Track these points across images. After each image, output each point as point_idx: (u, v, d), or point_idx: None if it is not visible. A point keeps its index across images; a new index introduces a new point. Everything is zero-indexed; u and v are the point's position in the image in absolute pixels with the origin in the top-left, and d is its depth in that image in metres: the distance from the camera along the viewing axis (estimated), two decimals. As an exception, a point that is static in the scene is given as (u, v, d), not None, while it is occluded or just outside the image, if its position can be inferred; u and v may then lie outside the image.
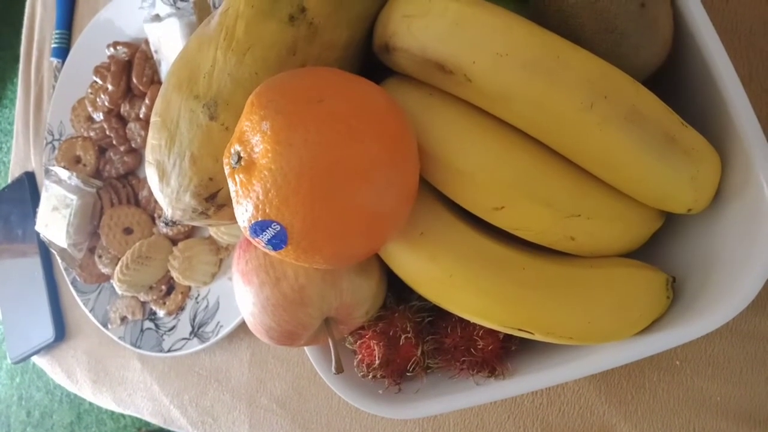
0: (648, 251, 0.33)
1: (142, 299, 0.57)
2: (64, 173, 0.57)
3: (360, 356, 0.37)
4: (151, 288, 0.56)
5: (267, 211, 0.25)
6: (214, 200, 0.33)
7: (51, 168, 0.58)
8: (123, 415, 1.66)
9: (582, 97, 0.26)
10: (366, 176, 0.25)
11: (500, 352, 0.35)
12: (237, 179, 0.26)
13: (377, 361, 0.36)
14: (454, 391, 0.35)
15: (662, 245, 0.33)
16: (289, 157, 0.24)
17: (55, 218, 0.57)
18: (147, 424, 1.58)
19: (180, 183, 0.33)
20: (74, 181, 0.57)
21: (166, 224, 0.36)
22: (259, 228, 0.26)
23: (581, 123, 0.26)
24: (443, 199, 0.31)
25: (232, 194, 0.27)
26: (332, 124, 0.25)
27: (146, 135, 0.57)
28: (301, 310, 0.32)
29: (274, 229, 0.25)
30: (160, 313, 0.56)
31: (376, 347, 0.36)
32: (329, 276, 0.32)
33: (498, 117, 0.29)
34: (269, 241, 0.26)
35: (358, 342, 0.36)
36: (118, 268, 0.53)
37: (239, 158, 0.26)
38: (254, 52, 0.31)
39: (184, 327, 0.54)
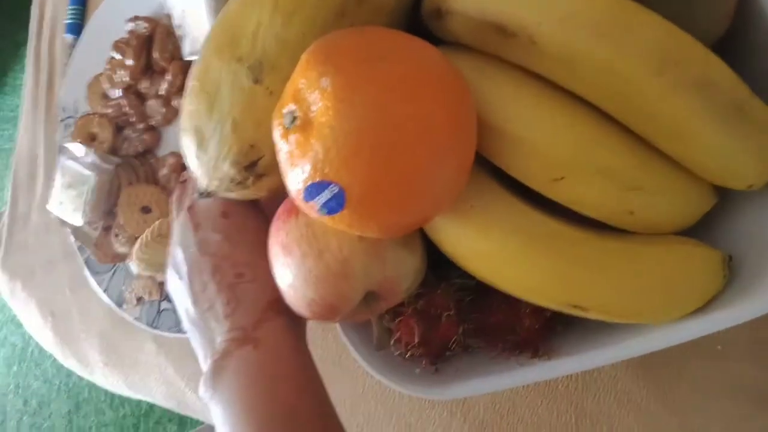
0: (698, 230, 0.32)
1: (159, 279, 0.55)
2: (80, 150, 0.56)
3: (397, 335, 0.36)
4: (169, 268, 0.55)
5: (326, 171, 0.24)
6: (253, 169, 0.32)
7: (66, 145, 0.56)
8: (123, 404, 1.64)
9: (652, 63, 0.25)
10: (429, 140, 0.24)
11: (545, 332, 0.34)
12: (292, 140, 0.25)
13: (417, 340, 0.35)
14: (495, 372, 0.34)
15: (714, 224, 0.32)
16: (352, 116, 0.23)
17: (69, 196, 0.55)
18: (148, 413, 1.57)
19: (219, 150, 0.32)
20: (91, 158, 0.55)
21: (201, 196, 0.35)
22: (315, 190, 0.24)
23: (650, 89, 0.25)
24: (493, 172, 0.30)
25: (284, 157, 0.26)
26: (395, 84, 0.23)
27: (167, 113, 0.55)
28: (344, 282, 0.31)
29: (332, 191, 0.24)
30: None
31: (415, 325, 0.35)
32: (373, 248, 0.31)
33: (558, 84, 0.28)
34: (325, 205, 0.25)
35: (397, 320, 0.35)
36: (137, 246, 0.51)
37: (294, 118, 0.25)
38: (302, 12, 0.29)
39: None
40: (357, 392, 0.48)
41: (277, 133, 0.26)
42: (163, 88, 0.54)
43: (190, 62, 0.53)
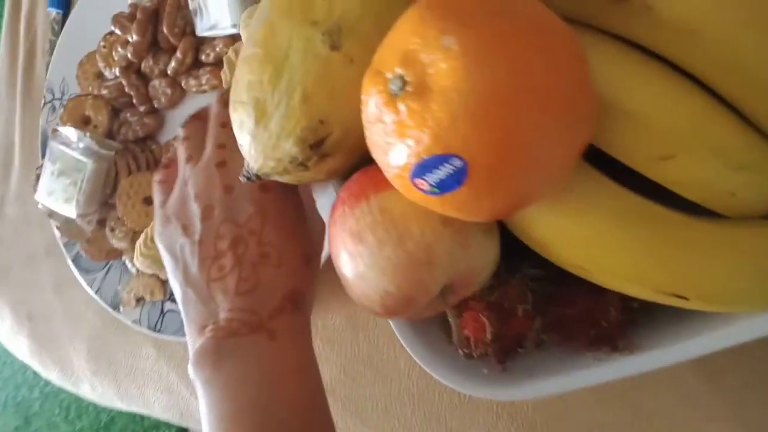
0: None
1: (163, 277, 0.51)
2: (74, 134, 0.50)
3: (465, 331, 0.33)
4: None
5: (450, 141, 0.21)
6: (319, 148, 0.29)
7: (58, 128, 0.51)
8: (80, 417, 1.54)
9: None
10: (560, 105, 0.21)
11: (626, 326, 0.32)
12: (401, 108, 0.22)
13: (488, 337, 0.32)
14: (571, 369, 0.32)
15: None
16: (485, 77, 0.20)
17: (62, 185, 0.50)
18: (109, 425, 1.47)
19: (282, 126, 0.28)
20: (86, 142, 0.50)
21: (247, 179, 0.31)
22: (431, 164, 0.22)
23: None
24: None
25: (388, 129, 0.23)
26: (528, 41, 0.21)
27: (173, 94, 0.51)
28: (426, 271, 0.28)
29: (453, 165, 0.21)
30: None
31: (486, 320, 0.32)
32: (459, 234, 0.28)
33: (666, 57, 0.26)
34: (441, 182, 0.22)
35: (464, 314, 0.33)
36: (140, 241, 0.46)
37: (404, 83, 0.22)
38: (387, -30, 0.27)
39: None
40: (391, 394, 0.45)
41: (375, 102, 0.23)
42: (170, 66, 0.49)
43: (203, 39, 0.49)
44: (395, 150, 0.23)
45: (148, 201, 0.51)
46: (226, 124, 0.34)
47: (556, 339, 0.33)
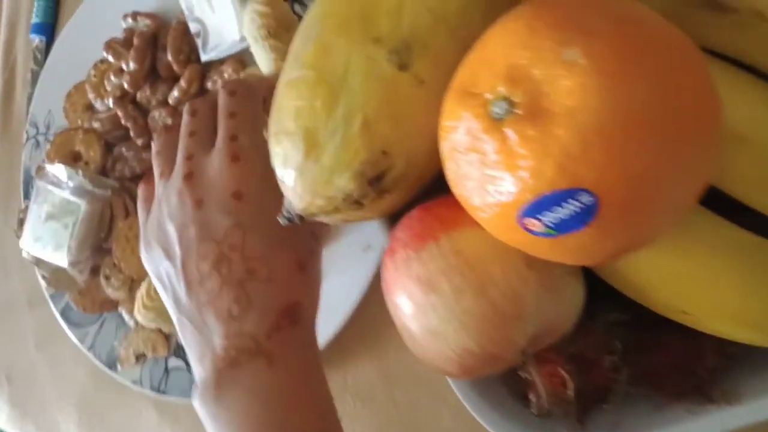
0: None
1: (166, 331, 0.45)
2: (63, 172, 0.45)
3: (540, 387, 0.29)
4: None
5: (580, 174, 0.17)
6: (379, 183, 0.25)
7: (46, 166, 0.46)
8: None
9: None
10: (698, 130, 0.18)
11: (720, 374, 0.28)
12: (509, 135, 0.18)
13: (569, 393, 0.28)
14: (662, 424, 0.28)
15: None
16: (621, 95, 0.17)
17: (50, 229, 0.44)
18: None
19: (338, 158, 0.24)
20: (78, 181, 0.45)
21: (289, 220, 0.27)
22: (551, 201, 0.18)
23: None
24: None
25: (490, 159, 0.19)
26: (660, 53, 0.18)
27: (175, 123, 0.46)
28: (514, 324, 0.24)
29: (581, 202, 0.17)
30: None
31: (567, 375, 0.28)
32: (545, 278, 0.24)
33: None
34: (560, 222, 0.18)
35: (541, 369, 0.29)
36: (142, 290, 0.41)
37: (511, 105, 0.18)
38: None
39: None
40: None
41: (468, 129, 0.20)
42: (173, 96, 0.45)
43: (208, 65, 0.45)
44: (499, 184, 0.19)
45: (149, 244, 0.46)
46: (234, 114, 0.32)
47: (643, 391, 0.29)
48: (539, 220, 0.18)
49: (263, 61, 0.37)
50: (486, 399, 0.31)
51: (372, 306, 0.41)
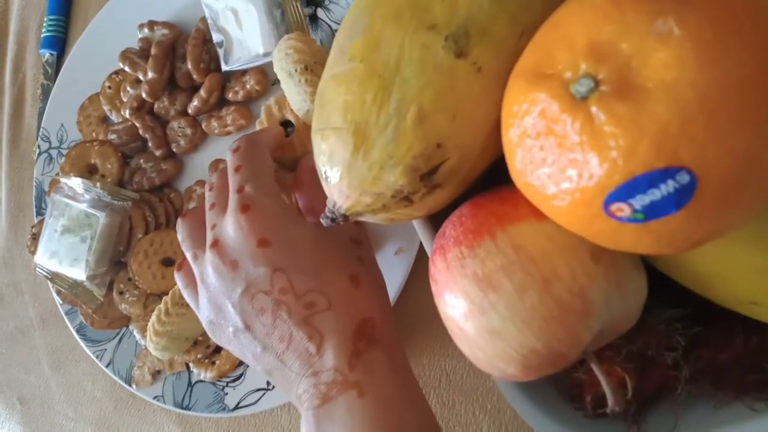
0: None
1: (178, 359, 0.44)
2: (80, 184, 0.44)
3: (591, 388, 0.28)
4: (195, 343, 0.42)
5: (680, 151, 0.16)
6: (431, 178, 0.24)
7: (61, 179, 0.44)
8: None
9: None
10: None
11: (788, 368, 0.27)
12: (595, 113, 0.17)
13: (628, 392, 0.27)
14: (723, 423, 0.27)
15: None
16: (724, 66, 0.16)
17: (67, 244, 0.43)
18: None
19: (389, 153, 0.23)
20: (96, 193, 0.44)
21: (333, 221, 0.26)
22: (645, 183, 0.17)
23: None
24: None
25: (571, 141, 0.18)
26: (757, 19, 0.17)
27: (194, 133, 0.45)
28: (581, 321, 0.23)
29: (678, 182, 0.16)
30: (206, 376, 0.42)
31: (626, 374, 0.27)
32: (612, 272, 0.23)
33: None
34: (651, 205, 0.17)
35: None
36: (154, 318, 0.39)
37: (595, 82, 0.17)
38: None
39: (257, 373, 0.42)
40: None
41: (543, 111, 0.19)
42: (192, 105, 0.44)
43: (229, 75, 0.44)
44: (582, 168, 0.18)
45: (168, 262, 0.44)
46: (239, 168, 0.32)
47: (704, 389, 0.28)
48: (629, 204, 0.17)
49: (296, 96, 0.36)
50: (535, 401, 0.29)
51: (405, 310, 0.40)
